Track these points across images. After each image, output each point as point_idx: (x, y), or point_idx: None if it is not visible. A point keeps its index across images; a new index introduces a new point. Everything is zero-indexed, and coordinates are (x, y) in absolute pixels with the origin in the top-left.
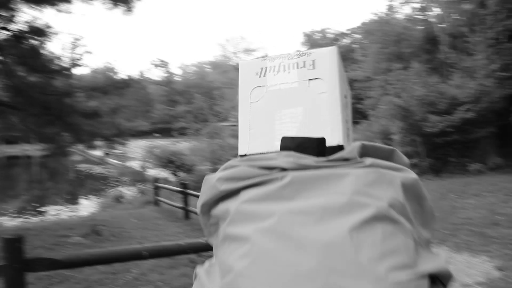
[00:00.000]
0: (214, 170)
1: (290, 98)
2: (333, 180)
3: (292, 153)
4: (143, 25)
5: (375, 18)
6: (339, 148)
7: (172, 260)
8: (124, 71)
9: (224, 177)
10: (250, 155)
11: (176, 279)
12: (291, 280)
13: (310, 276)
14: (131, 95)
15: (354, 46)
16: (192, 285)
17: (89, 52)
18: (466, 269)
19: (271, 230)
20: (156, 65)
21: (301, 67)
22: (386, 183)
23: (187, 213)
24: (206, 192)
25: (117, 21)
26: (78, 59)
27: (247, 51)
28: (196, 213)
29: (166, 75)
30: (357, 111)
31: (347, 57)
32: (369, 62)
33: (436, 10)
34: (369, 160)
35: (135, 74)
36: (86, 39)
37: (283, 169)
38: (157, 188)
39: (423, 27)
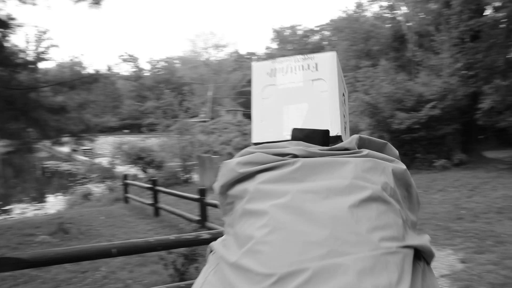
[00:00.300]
0: (184, 167)
1: (297, 95)
2: (336, 166)
3: (301, 142)
4: (111, 18)
5: (344, 15)
6: (338, 137)
7: (142, 257)
8: (91, 66)
9: (242, 161)
10: (262, 143)
11: (146, 277)
12: (304, 247)
13: (319, 243)
14: (99, 90)
15: (323, 43)
16: (161, 281)
17: (55, 46)
18: (432, 262)
19: (286, 206)
20: (125, 60)
21: (306, 69)
22: (380, 170)
23: (157, 210)
24: (225, 175)
25: (84, 14)
26: (43, 53)
27: (218, 46)
28: (165, 210)
29: (135, 70)
30: None
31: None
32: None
33: (404, 9)
34: (365, 151)
35: (103, 68)
36: (52, 32)
37: (294, 156)
38: (126, 185)
39: (391, 25)
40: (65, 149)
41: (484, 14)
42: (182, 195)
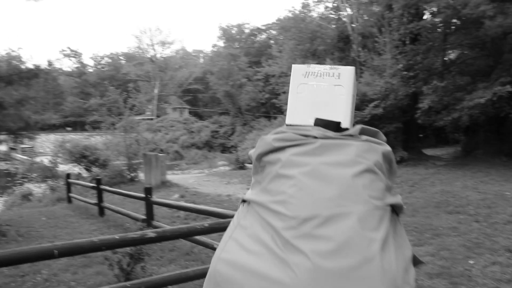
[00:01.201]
0: (130, 165)
1: (322, 94)
2: (344, 147)
3: (320, 128)
4: (51, 11)
5: (290, 15)
6: (346, 128)
7: (86, 258)
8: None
9: (277, 138)
10: (293, 125)
11: (90, 278)
12: (320, 200)
13: (330, 198)
14: (39, 86)
15: (270, 42)
16: (106, 282)
17: None
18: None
19: (308, 173)
20: (67, 55)
21: (331, 76)
22: (373, 151)
23: (102, 210)
24: (262, 146)
25: (23, 6)
26: None
27: (164, 43)
28: (111, 209)
29: (77, 66)
30: (274, 106)
31: (263, 52)
32: (284, 58)
33: (348, 11)
34: (364, 137)
35: (43, 64)
36: None
37: (315, 137)
38: (69, 184)
39: (336, 26)
40: (2, 147)
41: (423, 18)
42: (128, 194)
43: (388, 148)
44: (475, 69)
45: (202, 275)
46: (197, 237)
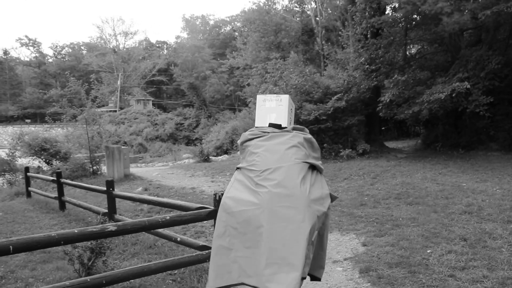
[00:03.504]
0: (92, 158)
1: (272, 110)
2: (282, 136)
3: (272, 128)
4: None
5: (255, 7)
6: (285, 127)
7: (46, 254)
8: None
9: (250, 133)
10: (258, 127)
11: (50, 274)
12: (270, 162)
13: (275, 160)
14: None
15: (235, 34)
16: (67, 277)
17: None
18: (337, 247)
19: (266, 149)
20: (24, 44)
21: (277, 100)
22: (297, 137)
23: (62, 204)
24: (243, 137)
25: None
26: None
27: (127, 34)
28: (72, 203)
29: (36, 55)
30: (239, 98)
31: (228, 44)
32: (249, 50)
33: (313, 4)
34: (294, 131)
35: None
36: None
37: (268, 132)
38: (28, 178)
39: (300, 19)
40: None
41: (385, 13)
42: (89, 187)
43: (308, 135)
44: (434, 64)
45: (165, 268)
46: (160, 230)
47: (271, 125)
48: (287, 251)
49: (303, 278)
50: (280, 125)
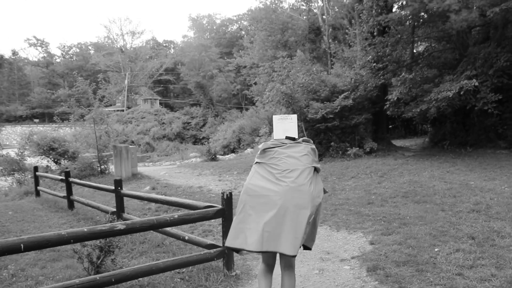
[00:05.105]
0: (100, 157)
1: (285, 126)
2: (298, 147)
3: (287, 140)
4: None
5: (261, 6)
6: (297, 139)
7: (55, 252)
8: None
9: (271, 143)
10: (276, 139)
11: (59, 272)
12: (289, 165)
13: (292, 164)
14: (3, 76)
15: (242, 33)
16: (76, 276)
17: None
18: (344, 245)
19: (285, 156)
20: (32, 44)
21: (288, 119)
22: (307, 147)
23: (71, 203)
24: (266, 145)
25: None
26: None
27: (134, 33)
28: (80, 202)
29: (44, 55)
30: (246, 97)
31: (234, 43)
32: (256, 49)
33: (319, 2)
34: (303, 143)
35: (7, 53)
36: None
37: (285, 143)
38: (37, 178)
39: (307, 18)
40: None
41: (392, 11)
42: (98, 187)
43: (313, 146)
44: (442, 61)
45: (173, 266)
46: (168, 229)
47: (287, 137)
48: (295, 227)
49: (303, 247)
50: (294, 138)
